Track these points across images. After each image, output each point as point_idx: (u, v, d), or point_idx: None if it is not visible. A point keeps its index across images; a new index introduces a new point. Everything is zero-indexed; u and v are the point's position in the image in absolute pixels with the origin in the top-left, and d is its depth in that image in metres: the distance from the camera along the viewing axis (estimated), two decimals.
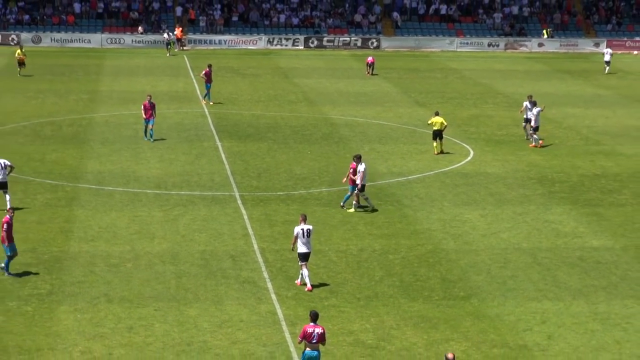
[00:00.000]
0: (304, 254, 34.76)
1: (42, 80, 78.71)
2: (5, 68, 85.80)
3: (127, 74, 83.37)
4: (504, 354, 29.86)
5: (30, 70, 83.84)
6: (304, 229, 34.84)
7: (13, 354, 29.01)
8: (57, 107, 67.65)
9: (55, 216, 42.53)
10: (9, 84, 77.11)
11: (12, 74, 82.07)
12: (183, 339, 30.24)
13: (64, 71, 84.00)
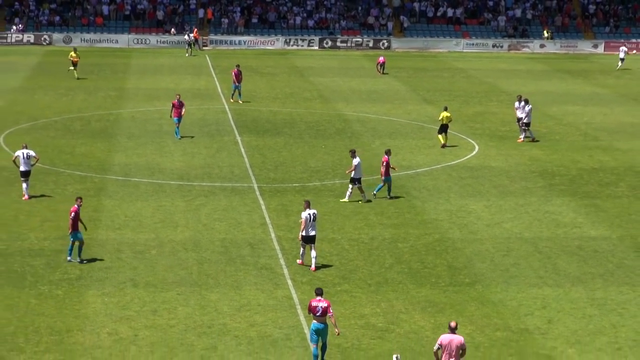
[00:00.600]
0: (311, 236, 35.06)
1: (73, 78, 78.73)
2: (37, 66, 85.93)
3: (152, 72, 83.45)
4: (506, 337, 29.87)
5: (64, 69, 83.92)
6: (310, 213, 35.07)
7: (45, 335, 29.12)
8: (86, 104, 67.75)
9: (84, 205, 42.42)
10: (41, 81, 77.24)
11: (44, 72, 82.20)
12: (204, 322, 30.31)
13: (93, 69, 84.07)
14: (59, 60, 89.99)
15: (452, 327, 25.49)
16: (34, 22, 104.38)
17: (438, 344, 25.38)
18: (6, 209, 41.53)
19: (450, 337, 25.36)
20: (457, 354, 25.24)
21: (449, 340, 25.28)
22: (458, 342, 25.28)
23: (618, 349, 29.18)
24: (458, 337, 25.39)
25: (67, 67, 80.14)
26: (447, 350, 25.21)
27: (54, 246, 37.07)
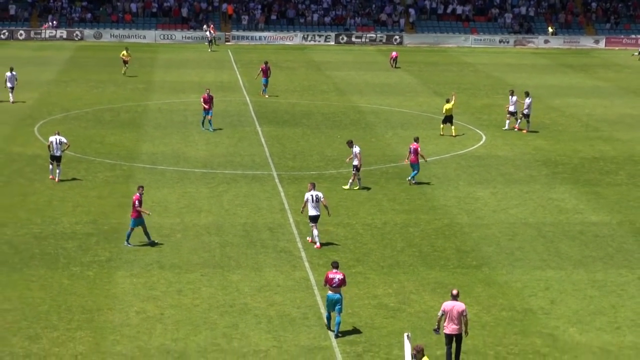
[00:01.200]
0: (314, 216, 35.64)
1: (103, 72, 78.92)
2: (69, 60, 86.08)
3: (178, 66, 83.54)
4: (511, 317, 29.86)
5: (95, 63, 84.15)
6: (313, 195, 35.65)
7: (77, 313, 29.24)
8: (115, 96, 67.87)
9: (113, 192, 42.70)
10: (74, 74, 77.40)
11: (76, 66, 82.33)
12: (226, 301, 30.37)
13: (122, 64, 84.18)
14: (90, 54, 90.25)
15: (454, 294, 26.19)
16: (67, 18, 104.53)
17: (442, 310, 26.05)
18: (40, 195, 41.68)
19: (452, 304, 26.02)
20: (459, 319, 25.83)
21: (451, 307, 25.93)
22: (459, 309, 25.91)
23: (617, 328, 29.16)
24: (460, 304, 26.00)
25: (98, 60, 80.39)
26: (449, 315, 25.85)
27: (85, 230, 37.21)
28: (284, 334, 28.16)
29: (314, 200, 35.60)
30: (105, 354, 26.61)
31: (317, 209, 35.72)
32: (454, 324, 25.93)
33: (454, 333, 25.98)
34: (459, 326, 25.97)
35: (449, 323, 25.96)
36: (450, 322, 25.92)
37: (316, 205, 35.62)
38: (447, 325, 25.99)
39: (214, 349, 27.13)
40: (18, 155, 48.89)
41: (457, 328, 25.96)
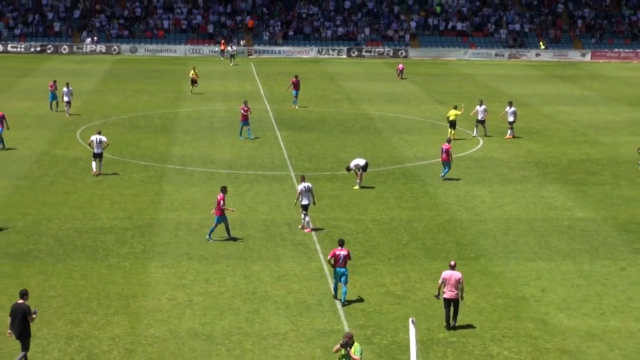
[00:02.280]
0: (306, 205, 36.64)
1: (138, 82, 79.12)
2: (108, 72, 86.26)
3: (205, 77, 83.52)
4: (506, 304, 29.83)
5: (131, 74, 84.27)
6: (305, 186, 36.73)
7: (114, 300, 29.30)
8: (149, 104, 68.00)
9: (147, 190, 42.77)
10: (111, 85, 77.57)
11: (114, 77, 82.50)
12: (249, 289, 30.40)
13: (155, 75, 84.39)
14: (126, 67, 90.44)
15: (452, 265, 27.82)
16: (106, 34, 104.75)
17: (441, 279, 27.53)
18: (82, 194, 41.80)
19: (451, 273, 27.53)
20: (456, 286, 27.34)
21: (450, 275, 27.47)
22: (457, 277, 27.43)
23: (602, 314, 29.10)
24: (457, 272, 27.54)
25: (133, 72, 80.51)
26: (448, 283, 27.38)
27: (122, 224, 37.29)
28: (300, 319, 28.18)
29: (306, 190, 36.72)
30: (140, 337, 26.67)
31: (308, 199, 36.78)
32: (451, 290, 27.34)
33: (452, 298, 27.42)
34: (456, 292, 27.35)
35: (448, 289, 27.40)
36: (448, 288, 27.36)
37: (307, 195, 36.73)
38: (446, 291, 27.43)
39: (238, 332, 27.15)
40: (62, 158, 49.02)
41: (455, 293, 27.35)
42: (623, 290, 31.29)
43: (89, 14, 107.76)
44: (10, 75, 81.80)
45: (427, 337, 26.80)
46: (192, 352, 25.76)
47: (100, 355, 25.43)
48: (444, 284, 27.50)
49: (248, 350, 25.95)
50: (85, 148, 50.53)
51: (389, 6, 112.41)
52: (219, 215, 35.29)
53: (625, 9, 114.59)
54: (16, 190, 42.35)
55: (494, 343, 26.83)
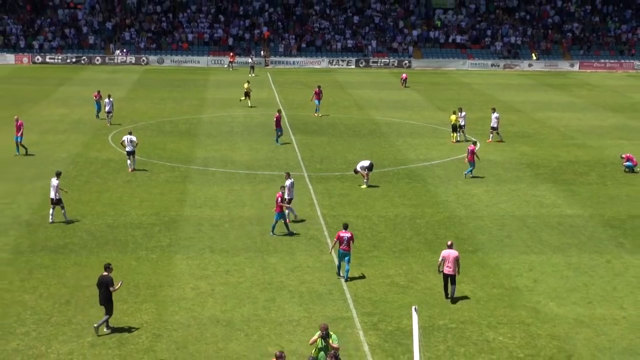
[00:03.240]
0: (290, 199, 37.18)
1: (164, 91, 79.24)
2: (137, 81, 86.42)
3: (226, 86, 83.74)
4: (501, 293, 29.81)
5: (158, 83, 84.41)
6: (292, 182, 37.68)
7: (142, 289, 29.37)
8: (174, 110, 68.11)
9: (173, 189, 42.84)
10: (140, 93, 77.70)
11: (143, 86, 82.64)
12: (266, 280, 30.43)
13: (180, 84, 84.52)
14: (154, 76, 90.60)
15: (449, 245, 29.45)
16: (135, 47, 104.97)
17: (441, 257, 29.07)
18: (113, 192, 41.91)
19: (449, 252, 29.04)
20: (453, 263, 28.81)
21: (448, 254, 28.97)
22: (454, 255, 28.97)
23: (589, 303, 29.06)
24: (454, 251, 29.09)
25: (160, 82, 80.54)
26: (446, 260, 28.84)
27: (149, 220, 37.37)
28: (313, 307, 28.19)
29: (292, 186, 37.56)
30: (166, 323, 26.72)
31: (292, 194, 37.58)
32: (449, 267, 28.86)
33: (450, 273, 28.95)
34: (453, 268, 28.86)
35: (446, 266, 28.92)
36: (447, 265, 28.87)
37: (291, 191, 37.56)
38: (444, 268, 28.97)
39: (255, 318, 27.18)
40: (95, 159, 49.16)
41: (452, 269, 28.87)
42: (608, 281, 31.24)
43: (120, 28, 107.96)
44: (48, 84, 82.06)
45: (428, 324, 26.80)
46: (213, 337, 25.80)
47: (130, 339, 25.50)
48: (443, 261, 28.96)
49: (265, 336, 25.98)
50: (116, 150, 50.75)
51: (394, 21, 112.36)
52: (279, 212, 35.26)
53: (611, 24, 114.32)
54: None
55: (490, 329, 26.81)
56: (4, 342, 24.95)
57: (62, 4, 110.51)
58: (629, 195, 43.49)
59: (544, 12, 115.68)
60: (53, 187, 36.83)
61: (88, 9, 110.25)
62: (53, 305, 27.96)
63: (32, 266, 31.49)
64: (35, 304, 27.99)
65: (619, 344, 26.00)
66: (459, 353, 25.10)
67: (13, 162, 48.17)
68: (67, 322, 26.66)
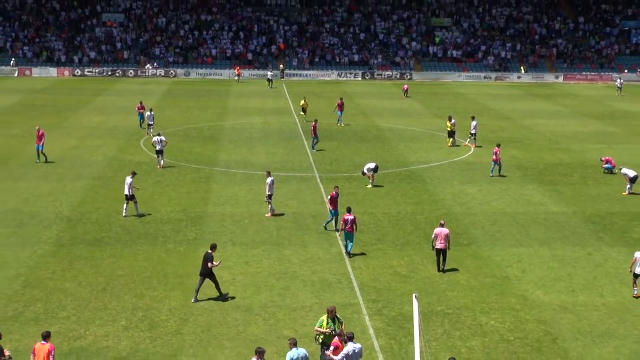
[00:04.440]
0: (269, 195, 37.52)
1: (190, 100, 79.35)
2: (166, 92, 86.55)
3: (245, 96, 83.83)
4: (492, 282, 29.75)
5: (185, 94, 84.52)
6: (272, 179, 37.59)
7: (171, 278, 29.42)
8: (200, 117, 68.20)
9: (198, 189, 42.90)
10: (169, 102, 77.80)
11: (171, 96, 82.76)
12: (281, 270, 30.44)
13: (205, 94, 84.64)
14: (181, 87, 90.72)
15: (442, 223, 30.77)
16: (164, 61, 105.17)
17: (434, 234, 30.34)
18: (145, 191, 41.98)
19: (440, 229, 30.34)
20: (445, 239, 30.18)
21: (440, 231, 30.26)
22: (445, 232, 30.31)
23: (572, 291, 29.00)
24: (445, 229, 30.40)
25: (187, 92, 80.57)
26: (438, 237, 30.14)
27: (177, 216, 37.43)
28: (323, 294, 28.20)
29: (272, 183, 37.54)
30: (192, 308, 26.76)
31: (272, 190, 37.60)
32: (441, 243, 30.20)
33: (441, 248, 30.30)
34: (444, 243, 30.22)
35: (438, 242, 30.20)
36: (439, 241, 30.16)
37: (272, 187, 37.57)
38: (437, 244, 30.23)
39: (272, 304, 27.19)
40: (128, 162, 49.26)
41: (444, 245, 30.23)
42: (590, 271, 31.17)
43: (151, 44, 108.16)
44: (86, 95, 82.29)
45: (427, 310, 26.77)
46: (234, 321, 25.83)
47: (160, 323, 25.55)
48: (436, 238, 30.20)
49: (280, 320, 25.99)
50: (147, 153, 50.88)
51: (396, 37, 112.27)
52: (334, 209, 35.02)
53: (592, 40, 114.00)
54: (92, 188, 42.61)
55: (482, 314, 26.76)
56: (47, 325, 25.04)
57: (99, 23, 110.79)
58: (607, 194, 43.37)
59: (531, 30, 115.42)
60: (127, 185, 37.10)
61: (122, 28, 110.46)
62: (91, 292, 28.05)
63: (72, 257, 31.60)
64: (75, 291, 28.09)
65: (599, 328, 25.94)
66: (454, 336, 25.07)
67: (56, 164, 48.31)
68: (103, 307, 26.74)
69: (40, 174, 45.71)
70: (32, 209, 38.49)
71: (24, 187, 42.66)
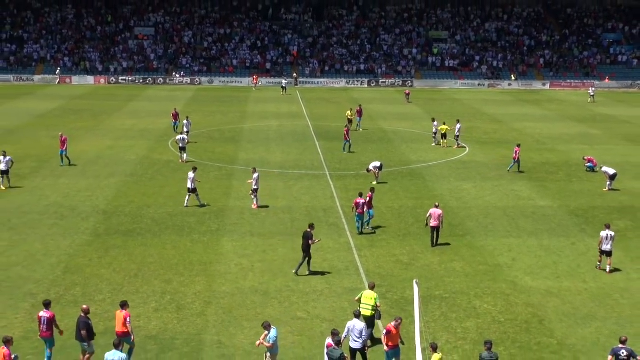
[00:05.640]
0: (256, 189, 37.59)
1: (213, 105, 79.36)
2: (192, 98, 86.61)
3: (263, 101, 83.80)
4: (485, 269, 29.68)
5: (209, 100, 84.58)
6: (258, 175, 37.68)
7: (196, 265, 29.45)
8: (222, 121, 68.21)
9: (220, 185, 42.93)
10: (194, 107, 77.82)
11: (196, 102, 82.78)
12: (295, 258, 30.39)
13: (226, 100, 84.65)
14: (205, 94, 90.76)
15: (436, 205, 32.19)
16: (190, 70, 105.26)
17: (429, 214, 31.82)
18: (172, 187, 42.07)
19: (434, 210, 31.77)
20: (438, 219, 31.63)
21: (434, 212, 31.78)
22: (438, 213, 31.79)
23: (557, 277, 28.93)
24: (438, 210, 31.86)
25: (210, 98, 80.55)
26: (432, 217, 31.68)
27: (202, 210, 37.46)
28: (333, 280, 28.19)
29: (258, 179, 37.65)
30: (215, 292, 26.80)
31: (258, 184, 37.65)
32: (435, 221, 31.74)
33: (435, 226, 31.77)
34: (437, 222, 31.68)
35: (432, 220, 31.75)
36: (433, 219, 31.75)
37: (257, 183, 37.52)
38: (431, 222, 31.75)
39: (287, 289, 27.20)
40: (158, 161, 49.34)
41: (437, 223, 31.72)
42: (573, 260, 31.07)
43: (178, 55, 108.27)
44: (120, 100, 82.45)
45: (426, 294, 26.73)
46: (253, 304, 25.85)
47: (186, 306, 25.59)
48: (430, 217, 31.80)
49: (294, 303, 26.00)
50: (175, 153, 50.90)
51: (399, 49, 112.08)
52: (370, 209, 34.70)
53: (575, 51, 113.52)
54: (124, 185, 42.70)
55: (476, 298, 26.71)
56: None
57: (131, 36, 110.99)
58: (589, 190, 43.20)
59: (520, 42, 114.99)
60: (190, 179, 37.57)
61: (152, 40, 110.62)
62: (124, 277, 28.12)
63: (107, 246, 31.69)
64: (110, 277, 28.17)
65: (582, 311, 25.86)
66: (451, 318, 25.02)
67: (92, 162, 48.44)
68: (136, 291, 26.80)
69: (79, 171, 45.83)
70: (72, 203, 38.61)
71: (64, 183, 42.80)
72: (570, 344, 23.41)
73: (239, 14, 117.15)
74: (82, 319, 20.93)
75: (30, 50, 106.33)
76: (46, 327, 21.07)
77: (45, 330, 21.10)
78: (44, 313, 21.19)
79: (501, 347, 22.79)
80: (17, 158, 47.86)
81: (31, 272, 28.58)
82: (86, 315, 21.07)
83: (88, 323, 20.94)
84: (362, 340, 20.63)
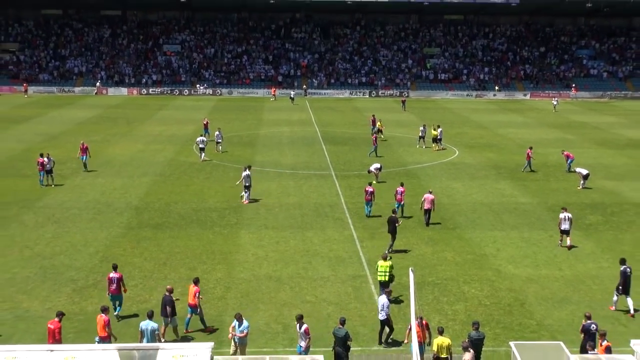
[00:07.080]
0: (248, 186, 37.37)
1: (233, 114, 79.34)
2: (214, 107, 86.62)
3: (276, 110, 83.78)
4: (473, 258, 29.62)
5: (229, 108, 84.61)
6: (248, 173, 37.66)
7: (217, 255, 29.48)
8: (240, 127, 68.20)
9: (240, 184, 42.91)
10: (216, 115, 77.68)
11: (218, 110, 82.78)
12: (304, 249, 30.44)
13: (244, 109, 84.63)
14: (225, 104, 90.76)
15: (430, 191, 34.29)
16: (211, 82, 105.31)
17: (423, 198, 33.38)
18: (196, 186, 42.13)
19: (428, 195, 33.78)
20: (430, 203, 33.39)
21: (428, 196, 33.61)
22: (431, 197, 33.65)
23: (537, 266, 28.85)
24: (432, 195, 33.72)
25: (230, 107, 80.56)
26: (426, 201, 33.37)
27: (222, 206, 37.49)
28: (338, 268, 28.18)
29: (249, 176, 37.65)
30: (234, 279, 26.82)
31: (249, 182, 37.69)
32: (428, 205, 33.59)
33: (428, 209, 33.62)
34: (430, 206, 33.53)
35: (426, 204, 33.49)
36: (427, 202, 33.52)
37: (249, 179, 37.64)
38: (424, 205, 33.50)
39: (297, 276, 27.21)
40: (183, 162, 49.41)
41: (429, 206, 33.58)
42: (551, 250, 30.98)
43: (202, 69, 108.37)
44: (150, 109, 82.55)
45: (421, 280, 26.71)
46: (267, 289, 25.86)
47: (208, 291, 25.62)
48: (424, 201, 33.46)
49: (304, 288, 26.00)
50: (196, 154, 50.86)
51: (397, 64, 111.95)
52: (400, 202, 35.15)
53: (553, 65, 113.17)
54: (154, 183, 42.78)
55: (465, 284, 26.66)
56: None
57: (160, 53, 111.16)
58: (565, 189, 43.06)
59: (504, 56, 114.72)
60: (245, 177, 37.77)
61: (179, 56, 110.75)
62: (154, 265, 28.18)
63: (139, 238, 31.76)
64: (142, 265, 28.23)
65: (558, 295, 25.80)
66: (442, 301, 24.99)
67: (126, 164, 48.53)
68: (164, 277, 26.86)
69: (114, 171, 45.93)
70: (108, 199, 38.71)
71: (101, 182, 42.91)
72: (548, 324, 23.36)
73: (255, 33, 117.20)
74: (167, 297, 21.24)
75: (72, 65, 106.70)
76: (116, 285, 22.58)
77: (114, 289, 22.65)
78: (114, 274, 22.72)
79: (487, 327, 22.76)
80: (59, 160, 48.03)
81: (72, 260, 28.68)
82: (170, 294, 21.39)
83: (172, 301, 21.22)
84: (385, 312, 21.35)
